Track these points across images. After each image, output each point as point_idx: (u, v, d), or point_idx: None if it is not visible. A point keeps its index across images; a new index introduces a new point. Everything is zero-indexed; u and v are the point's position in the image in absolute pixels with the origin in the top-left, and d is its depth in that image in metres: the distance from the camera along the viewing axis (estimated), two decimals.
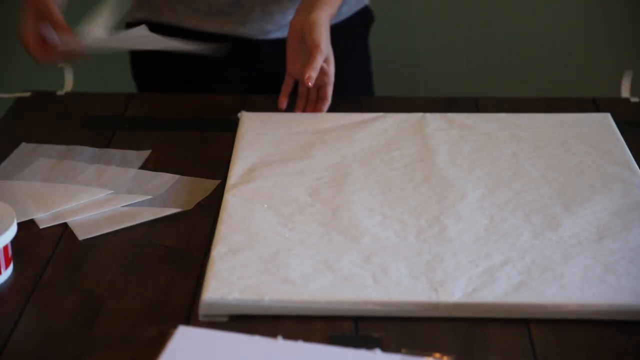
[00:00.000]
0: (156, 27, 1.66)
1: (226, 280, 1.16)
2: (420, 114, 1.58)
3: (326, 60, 1.59)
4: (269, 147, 1.49)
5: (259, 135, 1.52)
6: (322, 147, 1.48)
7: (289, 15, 1.74)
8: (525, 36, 2.56)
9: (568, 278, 1.17)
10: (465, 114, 1.58)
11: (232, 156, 1.47)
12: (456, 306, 1.13)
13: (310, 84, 1.54)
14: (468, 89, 2.52)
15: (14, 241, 1.23)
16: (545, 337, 1.11)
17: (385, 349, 1.08)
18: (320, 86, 1.60)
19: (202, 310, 1.14)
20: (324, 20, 1.59)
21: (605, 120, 1.56)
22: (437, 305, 1.13)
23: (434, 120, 1.56)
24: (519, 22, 2.55)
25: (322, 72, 1.58)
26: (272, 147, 1.49)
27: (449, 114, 1.58)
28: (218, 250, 1.23)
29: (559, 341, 1.11)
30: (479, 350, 1.09)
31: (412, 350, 1.08)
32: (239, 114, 1.59)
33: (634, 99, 1.67)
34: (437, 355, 1.08)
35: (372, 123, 1.55)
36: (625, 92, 1.69)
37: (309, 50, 1.57)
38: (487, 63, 2.58)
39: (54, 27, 1.56)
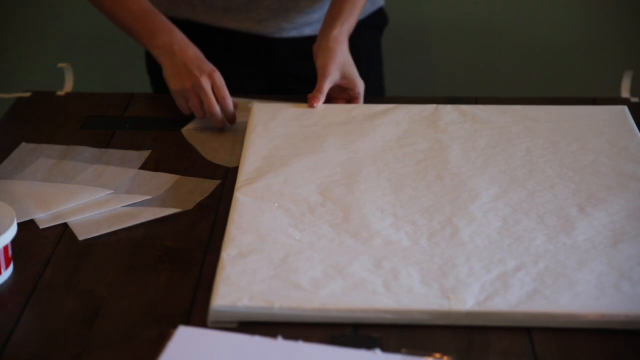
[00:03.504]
0: (172, 22, 1.65)
1: (236, 286, 1.15)
2: (433, 106, 1.57)
3: (349, 80, 1.60)
4: (279, 140, 1.48)
5: (269, 127, 1.51)
6: (334, 141, 1.47)
7: (306, 15, 1.75)
8: (525, 36, 2.56)
9: (582, 286, 1.15)
10: (479, 106, 1.57)
11: (243, 150, 1.46)
12: (468, 314, 1.12)
13: (314, 104, 1.57)
14: (475, 89, 2.53)
15: (14, 241, 1.23)
16: (545, 337, 1.11)
17: (385, 349, 1.08)
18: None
19: (211, 317, 1.13)
20: (337, 41, 1.60)
21: (621, 114, 1.54)
22: (448, 314, 1.12)
23: (447, 113, 1.55)
24: (519, 23, 2.55)
25: (350, 92, 1.61)
26: (283, 141, 1.48)
27: (463, 106, 1.56)
28: (228, 252, 1.22)
29: (559, 341, 1.11)
30: (478, 350, 1.09)
31: (412, 350, 1.08)
32: (250, 104, 1.59)
33: (634, 99, 1.67)
34: (437, 355, 1.08)
35: (385, 115, 1.54)
36: (625, 92, 1.69)
37: (318, 76, 1.59)
38: (492, 64, 2.58)
39: (217, 98, 1.57)
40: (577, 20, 2.55)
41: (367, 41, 1.82)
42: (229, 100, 1.56)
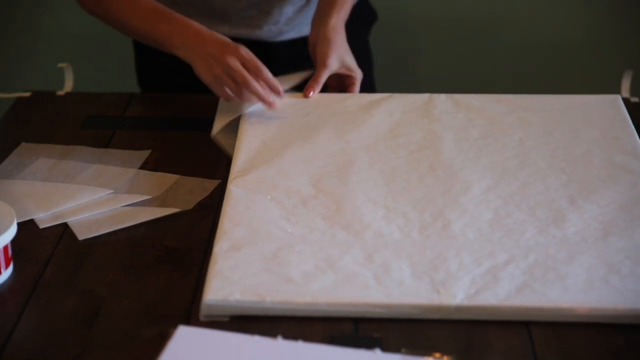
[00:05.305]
0: None
1: (228, 280, 1.16)
2: (427, 95, 1.57)
3: (348, 69, 1.60)
4: (273, 131, 1.48)
5: (263, 118, 1.51)
6: (327, 132, 1.47)
7: (303, 14, 1.74)
8: (525, 36, 2.56)
9: (571, 279, 1.16)
10: (473, 95, 1.57)
11: (237, 141, 1.46)
12: (458, 309, 1.13)
13: (309, 95, 1.56)
14: (469, 88, 2.52)
15: (14, 241, 1.23)
16: (545, 336, 1.11)
17: (385, 349, 1.08)
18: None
19: (203, 310, 1.14)
20: (335, 30, 1.59)
21: (615, 103, 1.54)
22: (438, 308, 1.13)
23: (441, 102, 1.55)
24: (519, 22, 2.55)
25: (347, 79, 1.61)
26: (276, 132, 1.48)
27: (456, 95, 1.57)
28: (220, 246, 1.22)
29: (559, 340, 1.11)
30: (478, 350, 1.10)
31: (412, 350, 1.08)
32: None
33: (634, 99, 1.67)
34: (437, 355, 1.08)
35: (379, 105, 1.54)
36: (625, 92, 1.69)
37: (316, 65, 1.59)
38: (487, 62, 2.58)
39: (252, 72, 1.50)
40: (576, 20, 2.55)
41: (353, 39, 1.70)
42: (266, 71, 1.50)
